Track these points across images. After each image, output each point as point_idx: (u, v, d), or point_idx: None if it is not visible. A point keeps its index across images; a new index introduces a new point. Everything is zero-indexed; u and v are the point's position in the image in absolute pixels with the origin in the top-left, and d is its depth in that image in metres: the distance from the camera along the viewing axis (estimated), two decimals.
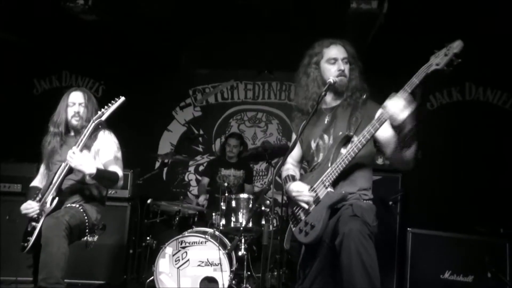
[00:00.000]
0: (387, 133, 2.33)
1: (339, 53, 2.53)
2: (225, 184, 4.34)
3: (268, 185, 5.61)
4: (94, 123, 2.88)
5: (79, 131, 3.04)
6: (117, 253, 4.30)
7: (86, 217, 2.98)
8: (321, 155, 2.53)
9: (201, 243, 3.75)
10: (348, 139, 2.40)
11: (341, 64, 2.51)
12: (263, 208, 4.04)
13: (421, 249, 3.86)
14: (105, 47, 5.43)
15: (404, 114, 2.10)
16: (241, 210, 4.00)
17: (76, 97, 3.11)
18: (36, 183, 3.22)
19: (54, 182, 2.92)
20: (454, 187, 5.04)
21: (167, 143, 5.98)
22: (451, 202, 4.97)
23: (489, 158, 5.08)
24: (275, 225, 4.04)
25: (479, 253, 3.70)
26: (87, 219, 2.98)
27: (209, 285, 3.68)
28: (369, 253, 2.14)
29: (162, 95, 5.94)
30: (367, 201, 2.45)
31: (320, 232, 2.33)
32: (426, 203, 4.85)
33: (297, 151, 2.71)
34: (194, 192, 5.84)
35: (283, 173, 2.69)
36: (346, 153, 2.33)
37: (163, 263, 3.75)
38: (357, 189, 2.44)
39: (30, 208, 2.93)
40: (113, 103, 2.89)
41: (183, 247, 3.77)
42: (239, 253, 3.94)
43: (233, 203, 4.03)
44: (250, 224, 3.92)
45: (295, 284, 2.54)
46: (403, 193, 3.99)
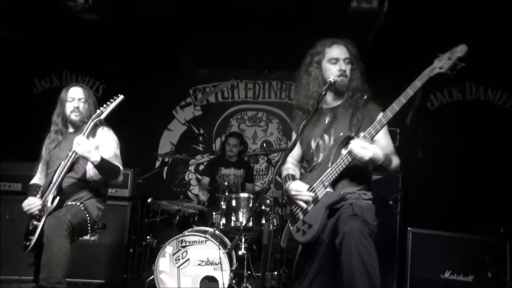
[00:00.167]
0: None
1: (341, 53, 2.53)
2: (225, 183, 4.34)
3: (268, 184, 5.60)
4: (93, 122, 2.87)
5: (79, 127, 3.03)
6: (117, 252, 4.29)
7: (87, 214, 2.98)
8: (321, 155, 2.53)
9: (201, 242, 3.75)
10: (349, 140, 2.40)
11: (343, 64, 2.51)
12: (263, 207, 4.04)
13: (421, 249, 3.85)
14: (105, 47, 5.43)
15: (367, 154, 2.23)
16: (241, 209, 4.00)
17: (75, 92, 3.09)
18: (35, 180, 3.21)
19: (54, 180, 2.91)
20: (454, 187, 5.04)
21: (168, 142, 5.99)
22: (452, 201, 4.97)
23: (490, 157, 5.09)
24: (275, 224, 4.04)
25: (480, 253, 3.69)
26: (88, 217, 2.98)
27: (209, 284, 3.68)
28: (369, 252, 2.14)
29: (162, 94, 5.94)
30: (367, 201, 2.45)
31: (317, 231, 2.34)
32: (426, 203, 4.84)
33: (297, 150, 2.71)
34: (194, 191, 5.84)
35: (283, 172, 2.69)
36: (346, 154, 2.33)
37: (163, 262, 3.75)
38: (356, 189, 2.44)
39: (32, 204, 2.92)
40: (112, 101, 2.86)
41: (183, 246, 3.77)
42: (239, 253, 3.95)
43: (233, 202, 4.03)
44: (250, 223, 3.93)
45: (295, 283, 2.53)
46: (404, 192, 3.98)
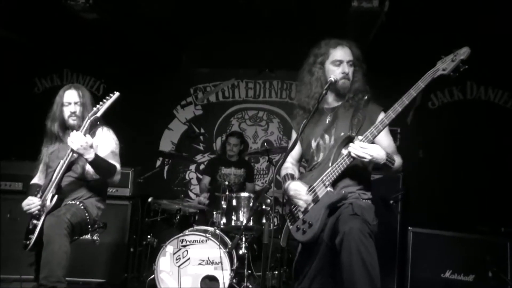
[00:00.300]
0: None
1: (345, 55, 2.53)
2: (226, 182, 4.33)
3: (269, 183, 5.61)
4: (89, 120, 2.86)
5: (77, 129, 3.02)
6: (117, 251, 4.29)
7: (87, 214, 2.99)
8: (321, 155, 2.53)
9: (202, 241, 3.75)
10: (349, 140, 2.40)
11: (346, 66, 2.52)
12: (264, 206, 4.04)
13: (422, 248, 3.85)
14: (106, 46, 5.43)
15: (369, 154, 2.24)
16: (241, 208, 4.01)
17: (71, 96, 3.08)
18: (36, 180, 3.22)
19: (53, 179, 2.92)
20: (455, 186, 5.04)
21: (168, 141, 5.98)
22: (452, 201, 4.97)
23: (490, 157, 5.08)
24: (276, 223, 4.04)
25: (480, 252, 3.68)
26: (88, 216, 2.99)
27: (209, 283, 3.68)
28: (369, 251, 2.14)
29: (163, 93, 5.94)
30: (366, 201, 2.46)
31: (317, 231, 2.34)
32: (427, 202, 4.84)
33: (297, 150, 2.71)
34: (195, 190, 5.84)
35: (282, 172, 2.69)
36: (347, 154, 2.33)
37: (164, 262, 3.76)
38: (356, 188, 2.44)
39: (31, 203, 2.93)
40: (108, 98, 2.86)
41: (184, 246, 3.77)
42: (240, 252, 3.95)
43: (234, 202, 4.03)
44: (250, 222, 3.93)
45: (295, 282, 2.54)
46: (404, 192, 3.98)
